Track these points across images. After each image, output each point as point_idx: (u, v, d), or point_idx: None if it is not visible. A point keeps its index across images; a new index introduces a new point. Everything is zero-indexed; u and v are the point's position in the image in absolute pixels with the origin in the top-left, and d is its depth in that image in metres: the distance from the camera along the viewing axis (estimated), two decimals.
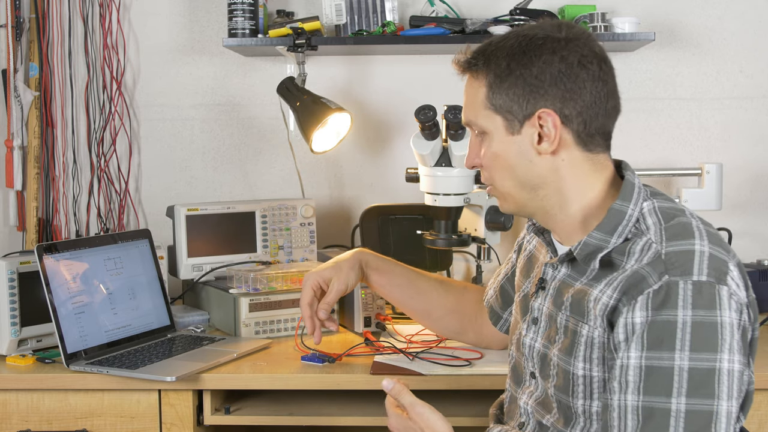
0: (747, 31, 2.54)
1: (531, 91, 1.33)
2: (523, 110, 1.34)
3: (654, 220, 1.33)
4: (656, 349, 1.21)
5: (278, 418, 1.87)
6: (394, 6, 2.44)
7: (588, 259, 1.36)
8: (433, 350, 1.95)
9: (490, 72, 1.36)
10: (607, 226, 1.34)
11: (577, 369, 1.34)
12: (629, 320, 1.24)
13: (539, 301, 1.46)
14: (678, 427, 1.19)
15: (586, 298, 1.34)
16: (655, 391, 1.20)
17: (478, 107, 1.39)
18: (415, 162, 2.14)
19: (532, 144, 1.36)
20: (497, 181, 1.42)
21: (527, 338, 1.48)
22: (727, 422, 1.19)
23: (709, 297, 1.21)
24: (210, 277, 2.28)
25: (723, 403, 1.19)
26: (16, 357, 1.92)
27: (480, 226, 2.22)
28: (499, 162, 1.39)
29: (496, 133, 1.38)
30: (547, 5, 2.44)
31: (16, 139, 2.54)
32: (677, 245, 1.27)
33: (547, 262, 1.46)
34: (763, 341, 2.06)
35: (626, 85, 2.54)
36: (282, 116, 2.56)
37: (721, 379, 1.19)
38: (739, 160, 2.55)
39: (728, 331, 1.21)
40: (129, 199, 2.62)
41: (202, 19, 2.60)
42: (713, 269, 1.23)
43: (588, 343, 1.33)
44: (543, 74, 1.33)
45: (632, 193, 1.36)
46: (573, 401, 1.36)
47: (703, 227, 1.31)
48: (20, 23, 2.53)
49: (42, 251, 1.88)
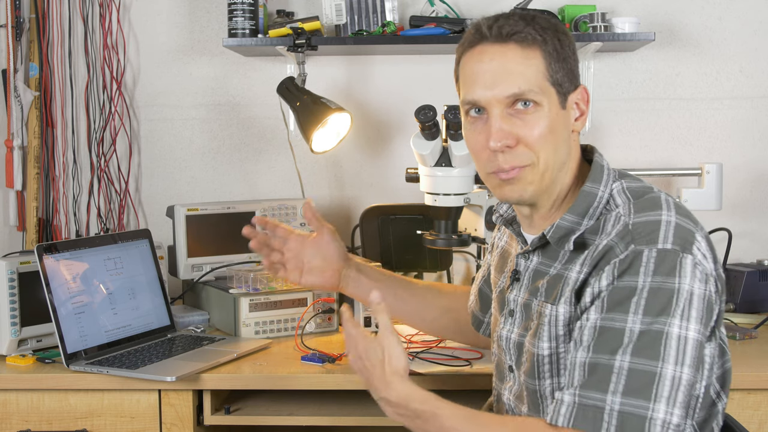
0: (747, 31, 2.54)
1: (575, 68, 1.39)
2: (572, 85, 1.38)
3: (623, 199, 1.35)
4: (612, 311, 1.24)
5: (278, 418, 1.87)
6: (394, 6, 2.44)
7: (561, 241, 1.37)
8: (433, 350, 1.95)
9: (548, 45, 1.35)
10: (579, 208, 1.37)
11: (542, 350, 1.36)
12: (596, 288, 1.28)
13: (514, 293, 1.47)
14: (618, 383, 1.20)
15: (562, 281, 1.35)
16: (603, 349, 1.23)
17: (534, 79, 1.34)
18: (415, 162, 2.14)
19: (572, 120, 1.39)
20: (543, 156, 1.35)
21: (504, 330, 1.48)
22: (671, 386, 1.20)
23: (670, 264, 1.23)
24: (210, 277, 2.28)
25: (669, 366, 1.20)
26: (16, 357, 1.92)
27: (480, 226, 2.21)
28: (553, 136, 1.36)
29: (552, 106, 1.36)
30: (547, 5, 2.44)
31: (16, 139, 2.54)
32: (644, 216, 1.29)
33: (518, 253, 1.47)
34: (763, 341, 2.07)
35: (626, 85, 2.54)
36: (282, 116, 2.56)
37: (669, 343, 1.21)
38: (739, 160, 2.55)
39: (685, 298, 1.22)
40: (129, 199, 2.62)
41: (202, 19, 2.60)
42: (678, 238, 1.26)
43: (552, 322, 1.35)
44: (575, 54, 1.39)
45: (602, 174, 1.39)
46: (540, 384, 1.37)
47: (672, 200, 1.33)
48: (20, 23, 2.54)
49: (42, 251, 1.88)
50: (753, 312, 2.27)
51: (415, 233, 2.24)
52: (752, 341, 2.05)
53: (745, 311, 2.26)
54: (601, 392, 1.21)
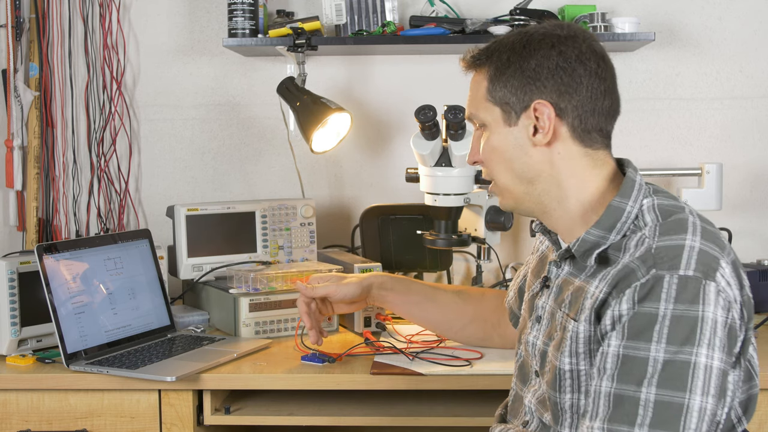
0: (747, 31, 2.54)
1: (528, 83, 1.36)
2: (521, 102, 1.36)
3: (652, 217, 1.33)
4: (634, 339, 1.22)
5: (278, 418, 1.87)
6: (394, 6, 2.44)
7: (586, 255, 1.36)
8: (433, 350, 1.94)
9: (492, 65, 1.38)
10: (606, 223, 1.35)
11: (564, 364, 1.35)
12: (616, 311, 1.26)
13: (543, 299, 1.47)
14: (646, 416, 1.19)
15: (582, 294, 1.34)
16: (628, 380, 1.21)
17: (479, 100, 1.41)
18: (415, 162, 2.14)
19: (528, 136, 1.37)
20: (496, 175, 1.43)
21: (530, 336, 1.48)
22: (698, 418, 1.19)
23: (693, 292, 1.21)
24: (210, 277, 2.27)
25: (696, 398, 1.19)
26: (16, 357, 1.92)
27: (480, 226, 2.22)
28: (497, 154, 1.41)
29: (494, 125, 1.40)
30: (547, 5, 2.44)
31: (16, 139, 2.54)
32: (668, 240, 1.27)
33: (551, 261, 1.47)
34: (764, 341, 2.06)
35: (626, 85, 2.54)
36: (282, 116, 2.56)
37: (696, 374, 1.19)
38: (739, 160, 2.55)
39: (709, 326, 1.20)
40: (129, 199, 2.62)
41: (202, 19, 2.60)
42: (701, 264, 1.23)
43: (573, 338, 1.33)
44: (541, 67, 1.35)
45: (632, 189, 1.36)
46: (560, 397, 1.37)
47: (700, 224, 1.31)
48: (20, 23, 2.53)
49: (42, 251, 1.88)
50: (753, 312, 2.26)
51: (415, 233, 2.24)
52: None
53: None
54: (629, 425, 1.20)
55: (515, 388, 1.55)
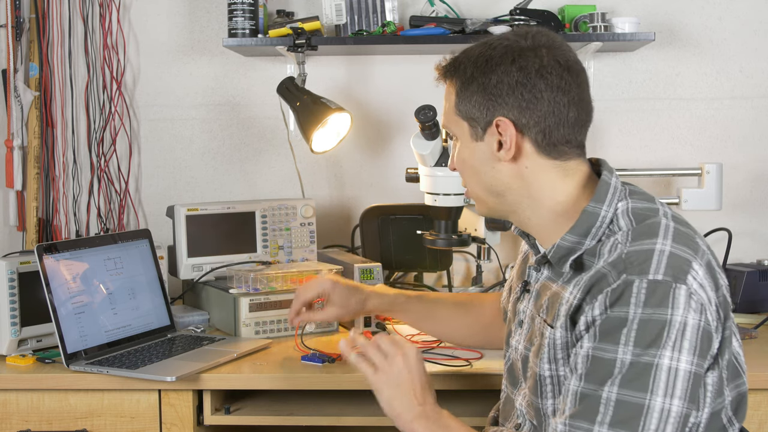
0: (747, 31, 2.54)
1: (490, 100, 1.36)
2: (484, 118, 1.37)
3: (626, 221, 1.34)
4: (603, 341, 1.24)
5: (278, 418, 1.87)
6: (394, 6, 2.44)
7: (561, 261, 1.37)
8: (433, 350, 1.95)
9: (458, 79, 1.40)
10: (580, 228, 1.35)
11: (544, 370, 1.37)
12: (589, 317, 1.27)
13: (524, 304, 1.48)
14: (606, 414, 1.21)
15: (558, 300, 1.35)
16: (593, 379, 1.24)
17: (449, 113, 1.43)
18: (415, 162, 2.14)
19: (492, 151, 1.38)
20: (468, 185, 1.47)
21: (513, 340, 1.50)
22: (659, 419, 1.20)
23: (661, 295, 1.22)
24: (210, 277, 2.28)
25: (657, 399, 1.20)
26: (16, 357, 1.92)
27: (480, 226, 2.22)
28: (466, 167, 1.44)
29: (463, 138, 1.42)
30: (547, 5, 2.44)
31: (16, 139, 2.54)
32: (639, 245, 1.28)
33: (530, 265, 1.47)
34: (764, 341, 2.07)
35: (626, 85, 2.54)
36: (282, 116, 2.56)
37: (659, 375, 1.20)
38: (739, 160, 2.55)
39: (677, 329, 1.21)
40: (129, 199, 2.62)
41: (202, 19, 2.60)
42: (671, 268, 1.24)
43: (551, 345, 1.35)
44: (501, 83, 1.35)
45: (606, 193, 1.36)
46: (542, 402, 1.38)
47: (673, 226, 1.31)
48: (20, 23, 2.53)
49: (42, 251, 1.88)
50: (753, 312, 2.27)
51: (415, 233, 2.24)
52: (752, 341, 2.05)
53: (745, 311, 2.26)
54: (589, 423, 1.22)
55: (506, 390, 1.55)
